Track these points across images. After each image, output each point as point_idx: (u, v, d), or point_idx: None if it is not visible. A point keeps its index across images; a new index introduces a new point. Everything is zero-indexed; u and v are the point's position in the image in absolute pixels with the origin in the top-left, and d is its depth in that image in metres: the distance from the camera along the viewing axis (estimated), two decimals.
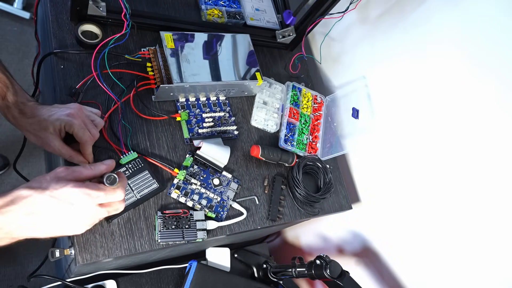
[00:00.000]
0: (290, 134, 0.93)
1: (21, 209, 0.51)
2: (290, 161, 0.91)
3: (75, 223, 0.55)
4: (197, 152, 0.80)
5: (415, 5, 0.83)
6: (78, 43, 0.78)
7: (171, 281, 0.92)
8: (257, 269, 0.99)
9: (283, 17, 0.98)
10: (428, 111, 0.82)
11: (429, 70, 0.81)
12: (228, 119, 0.89)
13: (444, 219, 0.81)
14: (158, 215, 0.73)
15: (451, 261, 0.81)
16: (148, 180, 0.74)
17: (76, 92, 0.74)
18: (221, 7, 0.96)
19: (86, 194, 0.54)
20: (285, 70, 1.03)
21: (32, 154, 1.48)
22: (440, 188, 0.81)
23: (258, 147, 0.86)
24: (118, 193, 0.58)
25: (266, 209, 0.86)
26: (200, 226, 0.76)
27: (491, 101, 0.71)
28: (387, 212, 0.95)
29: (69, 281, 0.80)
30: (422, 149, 0.84)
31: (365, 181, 1.02)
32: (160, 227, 0.72)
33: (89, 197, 0.54)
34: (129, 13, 0.72)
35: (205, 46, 0.84)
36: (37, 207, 0.51)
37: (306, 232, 1.24)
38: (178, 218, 0.74)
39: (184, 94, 0.83)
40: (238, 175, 0.86)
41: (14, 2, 1.67)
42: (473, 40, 0.73)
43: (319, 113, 1.01)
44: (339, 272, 0.76)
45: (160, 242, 0.72)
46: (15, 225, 0.51)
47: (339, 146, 0.96)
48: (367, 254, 1.00)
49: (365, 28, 0.96)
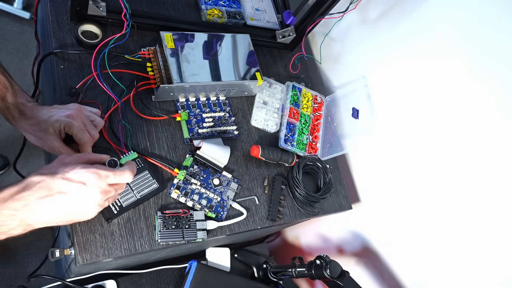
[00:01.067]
0: (290, 134, 0.93)
1: (35, 193, 0.51)
2: (290, 161, 0.91)
3: (88, 205, 0.56)
4: (197, 152, 0.80)
5: (415, 5, 0.82)
6: (78, 43, 0.78)
7: (171, 281, 0.92)
8: (257, 269, 0.99)
9: (283, 17, 0.98)
10: (428, 111, 0.82)
11: (429, 70, 0.81)
12: (228, 119, 0.89)
13: (444, 219, 0.81)
14: (158, 215, 0.73)
15: (451, 261, 0.81)
16: (148, 180, 0.74)
17: (76, 92, 0.74)
18: (221, 7, 0.96)
19: (96, 173, 0.55)
20: (285, 70, 1.03)
21: (32, 154, 1.48)
22: (440, 188, 0.81)
23: (258, 147, 0.86)
24: (126, 174, 0.59)
25: (266, 209, 0.86)
26: (200, 226, 0.76)
27: (491, 101, 0.71)
28: (387, 212, 0.95)
29: (69, 281, 0.80)
30: (422, 149, 0.84)
31: (365, 181, 1.02)
32: (160, 227, 0.72)
33: (99, 176, 0.55)
34: (129, 13, 0.72)
35: (205, 46, 0.84)
36: (51, 190, 0.52)
37: (306, 232, 1.24)
38: (178, 218, 0.74)
39: (184, 94, 0.83)
40: (238, 175, 0.86)
41: (14, 2, 1.67)
42: (473, 40, 0.73)
43: (319, 113, 1.01)
44: (339, 272, 0.76)
45: (160, 242, 0.72)
46: (29, 212, 0.51)
47: (339, 146, 0.96)
48: (367, 254, 1.00)
49: (365, 28, 0.96)
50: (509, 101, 0.68)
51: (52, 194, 0.52)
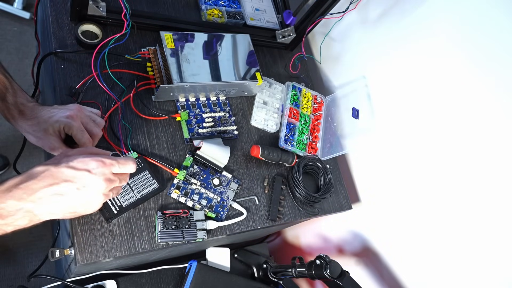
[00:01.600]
0: (290, 134, 0.93)
1: (40, 182, 0.51)
2: (290, 161, 0.91)
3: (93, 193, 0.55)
4: (197, 152, 0.80)
5: (415, 4, 0.82)
6: (78, 43, 0.78)
7: (171, 281, 0.92)
8: (257, 269, 0.99)
9: (283, 17, 0.98)
10: (428, 111, 0.82)
11: (429, 70, 0.81)
12: (228, 119, 0.89)
13: (444, 219, 0.81)
14: (158, 215, 0.73)
15: (451, 261, 0.81)
16: (148, 180, 0.74)
17: (76, 92, 0.74)
18: (221, 7, 0.96)
19: (100, 161, 0.55)
20: (285, 70, 1.03)
21: (32, 154, 1.48)
22: (440, 188, 0.81)
23: (258, 147, 0.86)
24: (130, 164, 0.59)
25: (266, 209, 0.86)
26: (200, 226, 0.76)
27: (491, 100, 0.71)
28: (387, 212, 0.95)
29: (69, 281, 0.80)
30: (422, 149, 0.84)
31: (365, 181, 1.02)
32: (160, 227, 0.72)
33: (104, 164, 0.55)
34: (129, 13, 0.72)
35: (205, 46, 0.84)
36: (56, 178, 0.52)
37: (306, 232, 1.24)
38: (178, 218, 0.74)
39: (184, 94, 0.83)
40: (238, 175, 0.86)
41: (14, 2, 1.67)
42: (473, 40, 0.73)
43: (319, 113, 1.01)
44: (339, 272, 0.76)
45: (160, 242, 0.72)
46: (35, 201, 0.51)
47: (339, 146, 0.96)
48: (367, 254, 1.00)
49: (365, 28, 0.96)
50: (510, 100, 0.68)
51: (57, 183, 0.52)
